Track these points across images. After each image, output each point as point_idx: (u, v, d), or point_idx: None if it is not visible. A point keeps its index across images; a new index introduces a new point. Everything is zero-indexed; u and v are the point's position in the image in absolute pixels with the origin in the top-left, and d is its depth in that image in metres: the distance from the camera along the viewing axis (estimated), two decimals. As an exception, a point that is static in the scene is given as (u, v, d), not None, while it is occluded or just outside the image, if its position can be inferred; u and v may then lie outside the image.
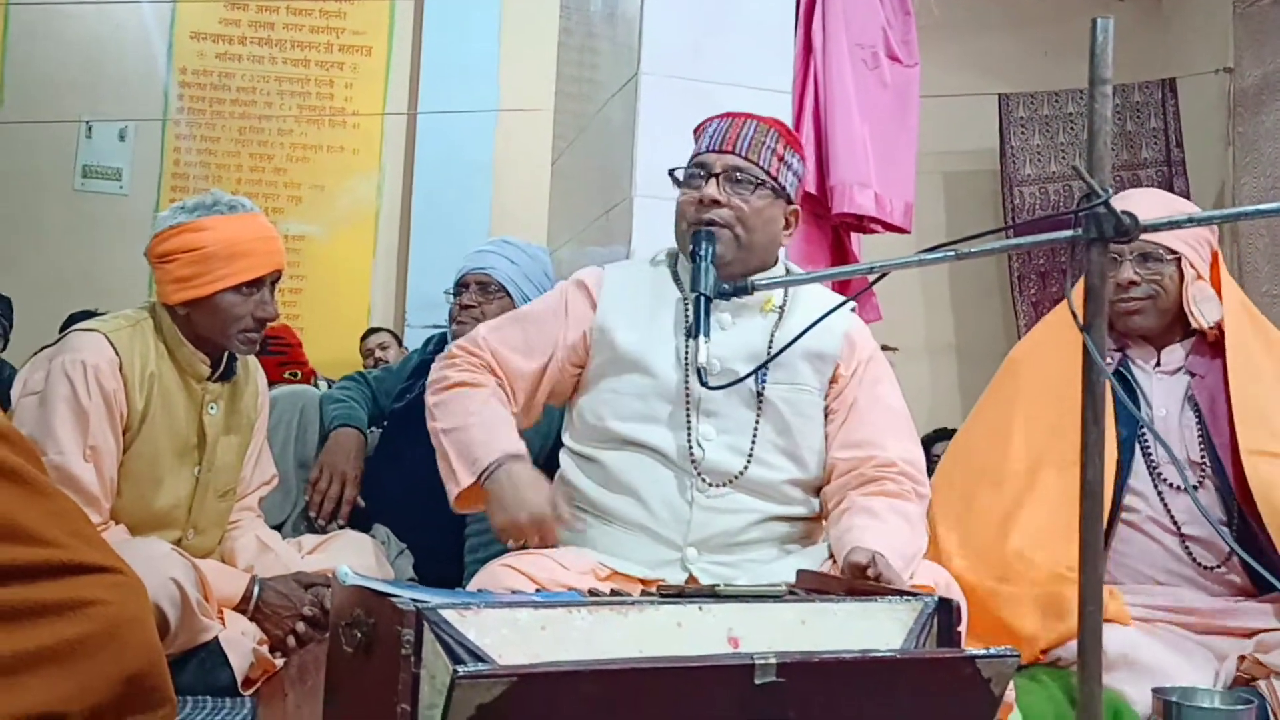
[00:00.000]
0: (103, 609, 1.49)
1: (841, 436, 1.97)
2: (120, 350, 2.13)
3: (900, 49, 3.61)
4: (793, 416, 1.96)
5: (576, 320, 2.03)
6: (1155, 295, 2.26)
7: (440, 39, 6.10)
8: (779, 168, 1.99)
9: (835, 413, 2.00)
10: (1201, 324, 2.24)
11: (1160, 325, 2.30)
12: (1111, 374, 2.22)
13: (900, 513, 1.86)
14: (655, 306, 2.02)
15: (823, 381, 2.00)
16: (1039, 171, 5.54)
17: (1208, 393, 2.25)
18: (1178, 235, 2.24)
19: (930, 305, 5.84)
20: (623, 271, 2.13)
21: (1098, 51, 1.35)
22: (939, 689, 1.30)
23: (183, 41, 6.03)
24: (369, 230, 6.13)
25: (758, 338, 1.98)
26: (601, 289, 2.05)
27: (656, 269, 2.09)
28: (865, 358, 2.03)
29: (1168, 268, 2.25)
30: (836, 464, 1.96)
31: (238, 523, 2.40)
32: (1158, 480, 2.22)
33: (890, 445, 1.95)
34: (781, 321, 2.00)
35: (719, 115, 2.05)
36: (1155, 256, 2.25)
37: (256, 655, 2.11)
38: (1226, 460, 2.18)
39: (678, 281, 2.04)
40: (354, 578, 1.32)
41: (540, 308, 2.10)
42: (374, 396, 3.04)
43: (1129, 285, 2.25)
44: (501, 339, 2.05)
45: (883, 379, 2.03)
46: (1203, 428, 2.23)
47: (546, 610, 1.26)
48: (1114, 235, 1.34)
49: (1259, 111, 5.07)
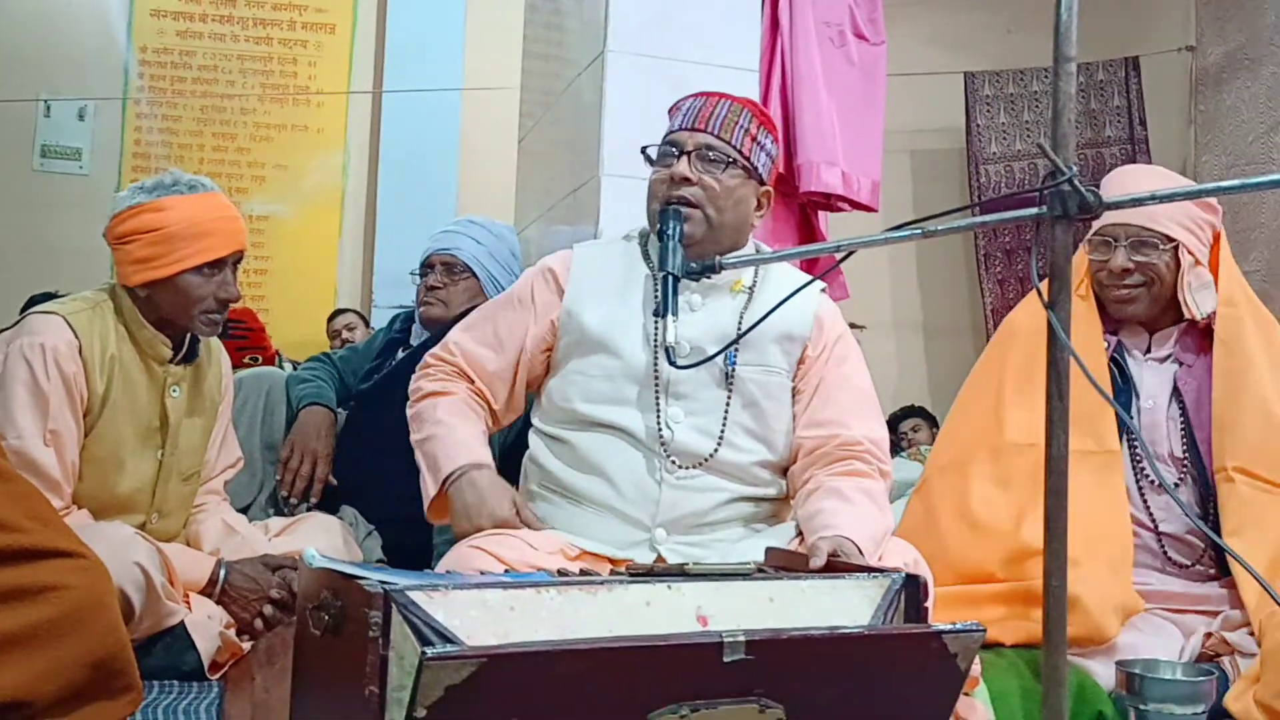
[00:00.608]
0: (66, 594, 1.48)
1: (807, 416, 1.98)
2: (80, 333, 2.11)
3: (866, 27, 3.61)
4: (762, 399, 1.96)
5: (543, 309, 2.03)
6: (1149, 283, 2.23)
7: (405, 16, 6.03)
8: (751, 147, 1.99)
9: (802, 393, 2.00)
10: (1195, 314, 2.22)
11: (1154, 312, 2.27)
12: (1108, 360, 2.26)
13: (867, 492, 1.86)
14: (625, 286, 2.02)
15: (791, 363, 2.00)
16: (1004, 149, 5.57)
17: (1195, 383, 2.24)
18: (1176, 220, 2.20)
19: (897, 282, 5.86)
20: (593, 250, 2.12)
21: (1062, 29, 1.35)
22: (906, 664, 1.31)
23: (143, 19, 5.93)
24: (334, 210, 6.07)
25: (727, 318, 1.98)
26: (570, 272, 2.05)
27: (628, 247, 2.08)
28: (833, 338, 2.03)
29: (1164, 255, 2.21)
30: (802, 443, 1.97)
31: (203, 506, 2.38)
32: (1140, 476, 2.22)
33: (855, 425, 1.96)
34: (751, 302, 2.00)
35: (693, 94, 2.04)
36: (1150, 244, 2.21)
37: (223, 639, 2.09)
38: (1207, 455, 2.19)
39: (648, 260, 2.04)
40: (321, 560, 1.31)
41: (508, 298, 2.10)
42: (340, 377, 3.02)
43: (1122, 273, 2.22)
44: (473, 339, 2.06)
45: (849, 358, 2.04)
46: (1186, 421, 2.22)
47: (515, 590, 1.25)
48: (1078, 213, 1.35)
49: (1220, 89, 5.11)
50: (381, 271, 5.87)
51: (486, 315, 2.10)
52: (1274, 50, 4.79)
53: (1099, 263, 2.26)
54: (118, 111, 5.88)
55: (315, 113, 6.09)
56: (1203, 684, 1.65)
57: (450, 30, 6.00)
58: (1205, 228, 2.24)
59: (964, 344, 5.77)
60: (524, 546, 1.79)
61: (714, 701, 1.20)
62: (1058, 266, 1.37)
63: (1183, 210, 2.21)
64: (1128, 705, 1.70)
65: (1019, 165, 5.55)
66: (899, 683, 1.31)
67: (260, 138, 6.03)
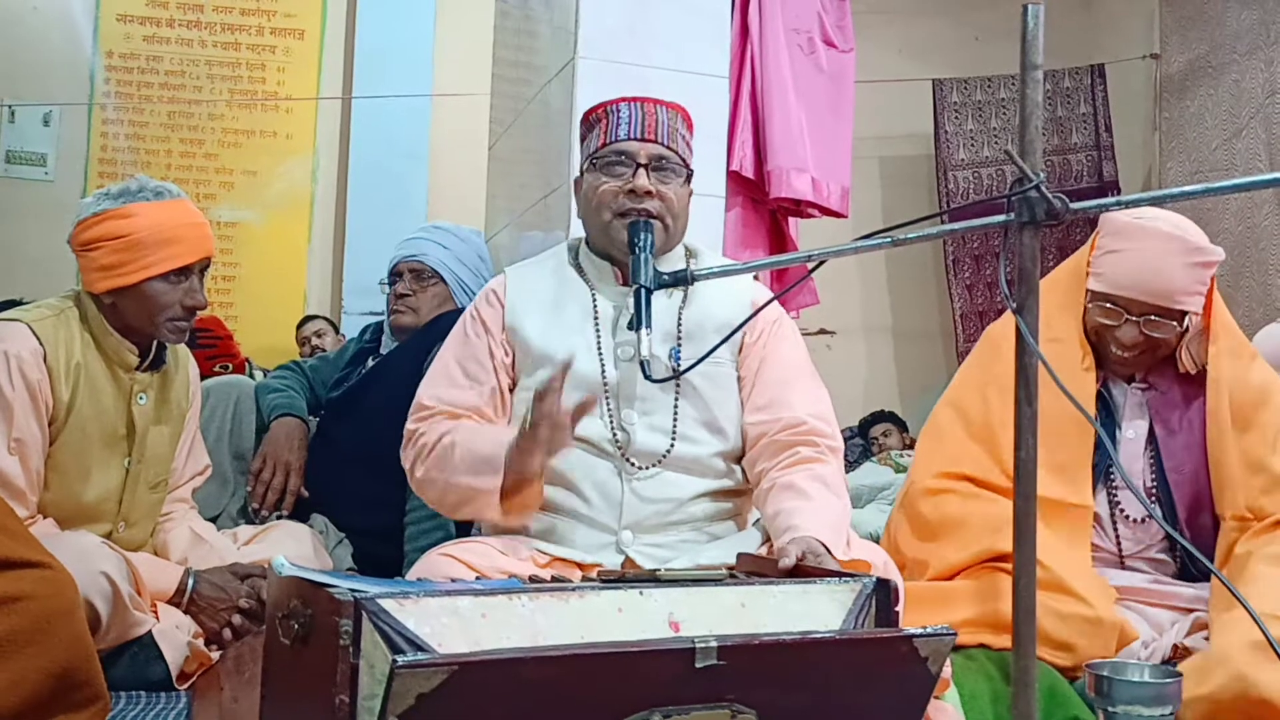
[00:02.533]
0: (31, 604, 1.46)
1: (751, 401, 2.00)
2: (44, 340, 2.09)
3: (835, 34, 3.63)
4: (710, 390, 1.98)
5: (496, 328, 2.02)
6: (1156, 348, 2.24)
7: (374, 22, 6.00)
8: (688, 153, 2.03)
9: (745, 380, 2.02)
10: (1190, 369, 2.23)
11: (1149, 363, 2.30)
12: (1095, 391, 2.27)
13: (821, 480, 1.87)
14: (560, 301, 2.02)
15: (733, 352, 2.02)
16: (972, 156, 5.61)
17: (1166, 414, 2.26)
18: (1189, 292, 2.17)
19: (867, 288, 5.89)
20: (524, 270, 2.12)
21: (1029, 37, 1.37)
22: (878, 668, 1.31)
23: (109, 24, 5.87)
24: (304, 216, 6.03)
25: (667, 318, 2.00)
26: (506, 293, 2.05)
27: (559, 263, 2.09)
28: (769, 322, 2.05)
29: (1174, 326, 2.21)
30: (749, 430, 1.98)
31: (170, 515, 2.37)
32: (1113, 507, 2.25)
33: (796, 402, 1.97)
34: (687, 300, 2.02)
35: (623, 99, 2.03)
36: (1166, 322, 2.20)
37: (191, 649, 2.08)
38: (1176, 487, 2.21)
39: (582, 273, 2.05)
40: (290, 568, 1.30)
41: (459, 338, 2.06)
42: (310, 386, 3.01)
43: (1132, 345, 2.22)
44: (444, 386, 2.00)
45: (785, 339, 2.06)
46: (1155, 454, 2.25)
47: (487, 598, 1.25)
48: (1045, 218, 1.36)
49: (1184, 97, 5.17)
50: (351, 278, 5.84)
51: (445, 362, 2.05)
52: (1236, 58, 4.86)
53: (1105, 325, 2.24)
54: (83, 117, 5.82)
55: (284, 118, 6.05)
56: (1170, 685, 1.67)
57: (420, 36, 5.97)
58: (1207, 281, 2.23)
59: (934, 349, 5.80)
60: (494, 554, 1.80)
61: (686, 707, 1.20)
62: (1025, 271, 1.38)
63: (1198, 278, 2.19)
64: (1096, 707, 1.71)
65: (987, 171, 5.59)
66: (870, 687, 1.31)
67: (228, 143, 5.98)
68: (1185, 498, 2.22)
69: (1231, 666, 1.82)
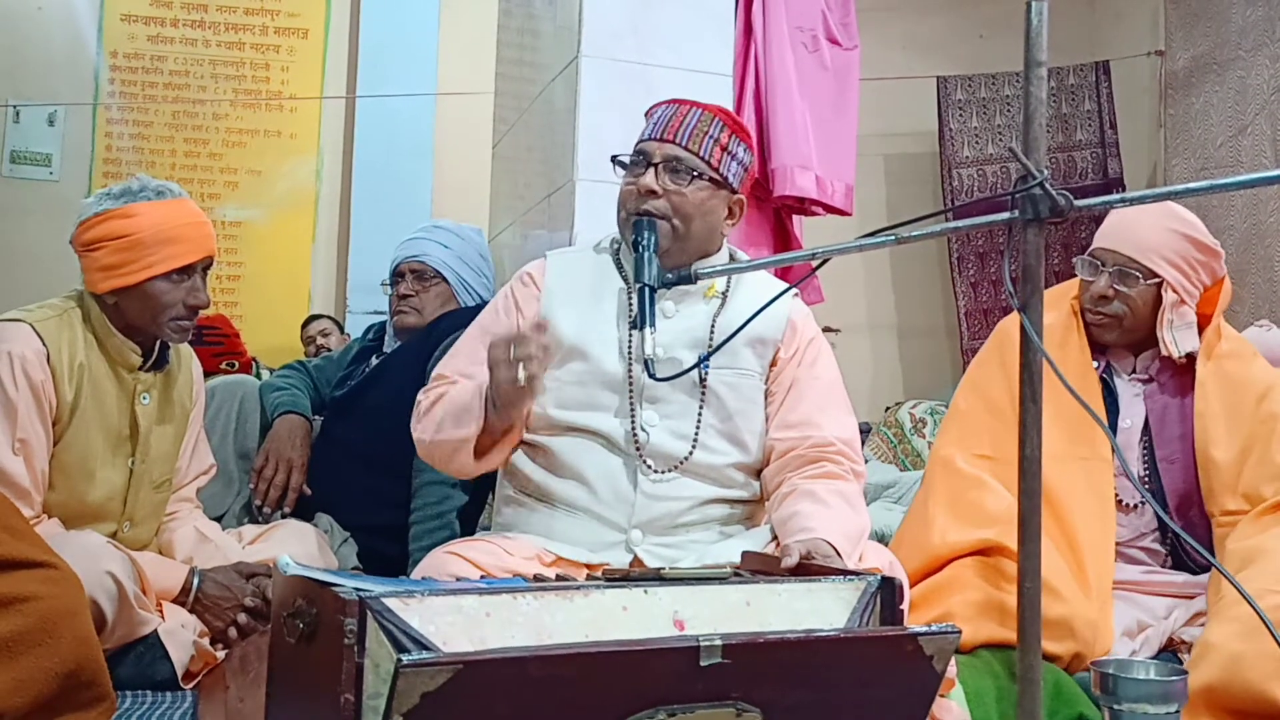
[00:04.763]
0: (36, 604, 1.47)
1: (779, 418, 1.99)
2: (47, 340, 2.09)
3: (839, 32, 3.63)
4: (735, 401, 1.97)
5: (530, 313, 2.01)
6: (1123, 315, 2.24)
7: (378, 20, 6.01)
8: (721, 157, 1.98)
9: (774, 395, 2.01)
10: (1171, 353, 2.23)
11: (1126, 342, 2.29)
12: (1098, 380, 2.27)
13: (841, 494, 1.87)
14: (597, 294, 2.02)
15: (763, 365, 2.01)
16: (977, 153, 5.60)
17: (1161, 402, 2.27)
18: (1165, 257, 2.20)
19: (871, 286, 5.88)
20: (565, 258, 2.12)
21: (1032, 34, 1.37)
22: (882, 666, 1.31)
23: (113, 24, 5.88)
24: (308, 215, 6.03)
25: (701, 324, 1.99)
26: (544, 278, 2.05)
27: (599, 256, 2.08)
28: (805, 341, 2.04)
29: (1145, 290, 2.22)
30: (775, 445, 1.97)
31: (175, 514, 2.37)
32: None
33: (826, 425, 1.96)
34: (724, 307, 2.01)
35: (666, 101, 2.04)
36: (1133, 275, 2.22)
37: (197, 648, 2.08)
38: (1166, 476, 2.22)
39: (620, 269, 2.04)
40: (295, 567, 1.30)
41: (491, 316, 2.07)
42: (314, 385, 3.01)
43: (1100, 298, 2.23)
44: (463, 360, 2.01)
45: (820, 359, 2.05)
46: (1148, 444, 2.25)
47: (491, 596, 1.25)
48: (1049, 215, 1.36)
49: (1189, 94, 5.15)
50: (356, 277, 5.84)
51: (470, 338, 2.06)
52: (1241, 55, 4.84)
53: (1085, 283, 2.28)
54: (88, 117, 5.82)
55: (288, 118, 6.06)
56: (1176, 683, 1.66)
57: (423, 35, 5.98)
58: (1198, 268, 2.23)
59: (938, 346, 5.79)
60: (500, 552, 1.79)
61: (691, 706, 1.20)
62: (1029, 269, 1.38)
63: (1177, 247, 2.20)
64: (1102, 705, 1.71)
65: (991, 169, 5.58)
66: (875, 685, 1.31)
67: (233, 143, 5.99)
68: (1176, 488, 2.23)
69: (1224, 655, 1.82)
